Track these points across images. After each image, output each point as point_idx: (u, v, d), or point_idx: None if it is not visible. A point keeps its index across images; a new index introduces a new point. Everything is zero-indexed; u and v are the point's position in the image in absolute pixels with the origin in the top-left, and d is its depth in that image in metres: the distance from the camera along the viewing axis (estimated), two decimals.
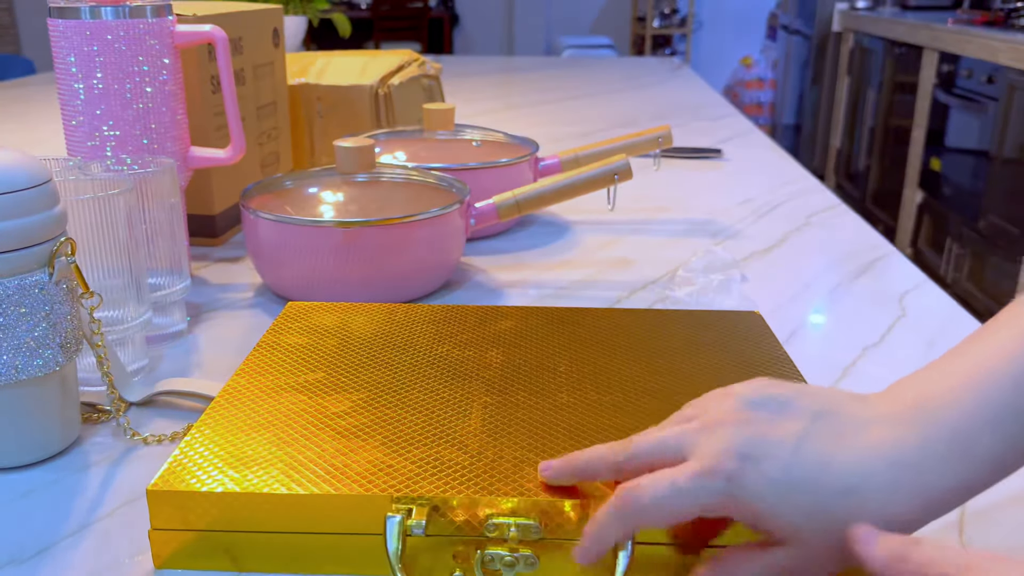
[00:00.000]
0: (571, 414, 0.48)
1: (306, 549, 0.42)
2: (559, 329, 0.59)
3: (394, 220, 0.71)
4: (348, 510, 0.41)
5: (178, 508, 0.41)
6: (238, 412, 0.48)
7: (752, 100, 5.56)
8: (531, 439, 0.45)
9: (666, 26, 5.82)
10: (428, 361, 0.54)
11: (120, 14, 0.68)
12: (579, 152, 1.02)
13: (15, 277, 0.48)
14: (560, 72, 2.38)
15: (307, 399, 0.49)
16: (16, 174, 0.47)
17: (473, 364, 0.54)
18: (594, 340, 0.58)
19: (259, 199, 0.77)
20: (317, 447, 0.44)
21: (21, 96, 1.92)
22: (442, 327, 0.60)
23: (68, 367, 0.52)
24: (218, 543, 0.42)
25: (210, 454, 0.44)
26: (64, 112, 0.71)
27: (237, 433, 0.46)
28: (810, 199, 1.09)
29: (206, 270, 0.84)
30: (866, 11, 3.89)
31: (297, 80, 1.09)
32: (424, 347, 0.56)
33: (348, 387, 0.51)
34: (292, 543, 0.42)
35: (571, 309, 0.63)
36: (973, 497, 0.36)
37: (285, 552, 0.42)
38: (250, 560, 0.42)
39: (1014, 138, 2.39)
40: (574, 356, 0.55)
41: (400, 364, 0.54)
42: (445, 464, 0.43)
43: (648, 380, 0.52)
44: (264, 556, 0.42)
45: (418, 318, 0.61)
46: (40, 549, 0.44)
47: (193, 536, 0.42)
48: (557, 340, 0.58)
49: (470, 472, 0.42)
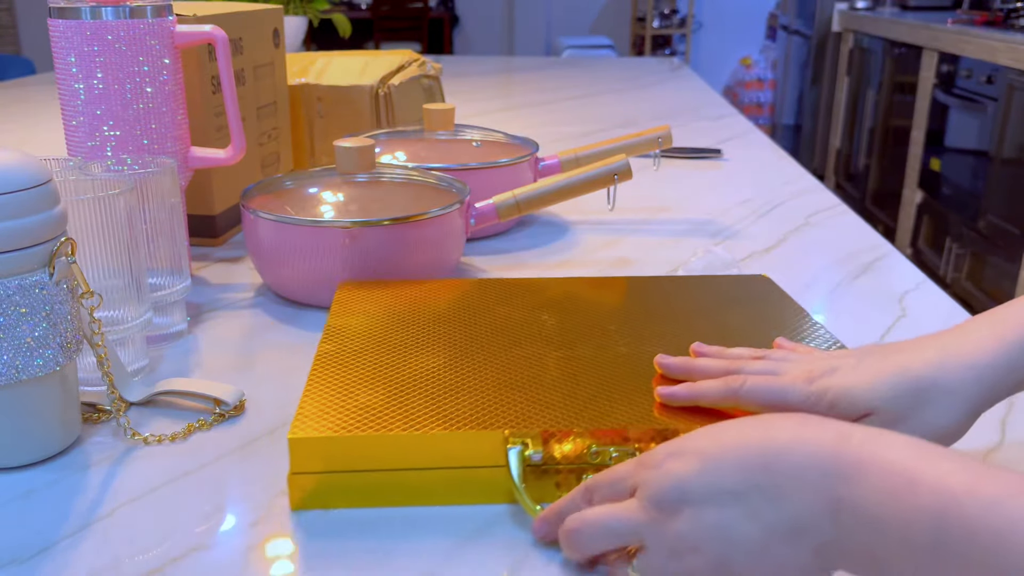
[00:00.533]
0: (634, 363, 0.54)
1: (429, 484, 0.47)
2: (598, 295, 0.66)
3: (397, 220, 0.72)
4: (469, 446, 0.46)
5: (315, 453, 0.46)
6: (339, 373, 0.52)
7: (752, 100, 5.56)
8: (609, 382, 0.52)
9: (666, 26, 5.82)
10: (492, 325, 0.60)
11: (120, 14, 0.68)
12: (579, 152, 1.02)
13: (15, 277, 0.48)
14: (560, 72, 2.38)
15: (397, 359, 0.55)
16: (16, 174, 0.47)
17: (532, 326, 0.60)
18: (631, 303, 0.65)
19: (259, 199, 0.77)
20: (424, 395, 0.50)
21: (21, 96, 1.92)
22: (493, 297, 0.65)
23: (68, 367, 0.52)
24: (350, 483, 0.47)
25: (330, 407, 0.48)
26: (64, 112, 0.71)
27: (346, 388, 0.51)
28: (810, 199, 1.09)
29: (206, 270, 0.84)
30: (866, 11, 3.89)
31: (297, 80, 1.09)
32: (484, 313, 0.62)
33: (430, 348, 0.56)
34: (416, 479, 0.47)
35: (602, 278, 0.70)
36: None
37: (410, 488, 0.47)
38: (378, 497, 0.47)
39: (1013, 138, 2.39)
40: (618, 317, 0.62)
41: (468, 328, 0.59)
42: (545, 404, 0.49)
43: (690, 335, 0.58)
44: (391, 493, 0.47)
45: (467, 290, 0.67)
46: (40, 549, 0.44)
47: (327, 478, 0.47)
48: (599, 304, 0.64)
49: (569, 409, 0.48)
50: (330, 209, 0.79)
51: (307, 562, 0.43)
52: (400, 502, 0.47)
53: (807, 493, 0.35)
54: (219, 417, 0.57)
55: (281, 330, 0.70)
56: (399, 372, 0.53)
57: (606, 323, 0.60)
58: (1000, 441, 0.54)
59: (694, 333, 0.58)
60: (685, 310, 0.63)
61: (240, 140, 0.76)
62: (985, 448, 0.53)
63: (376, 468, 0.47)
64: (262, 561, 0.43)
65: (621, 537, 0.40)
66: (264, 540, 0.45)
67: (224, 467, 0.52)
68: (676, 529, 0.38)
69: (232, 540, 0.45)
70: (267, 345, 0.68)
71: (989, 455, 0.53)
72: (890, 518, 0.32)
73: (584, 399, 0.50)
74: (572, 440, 0.47)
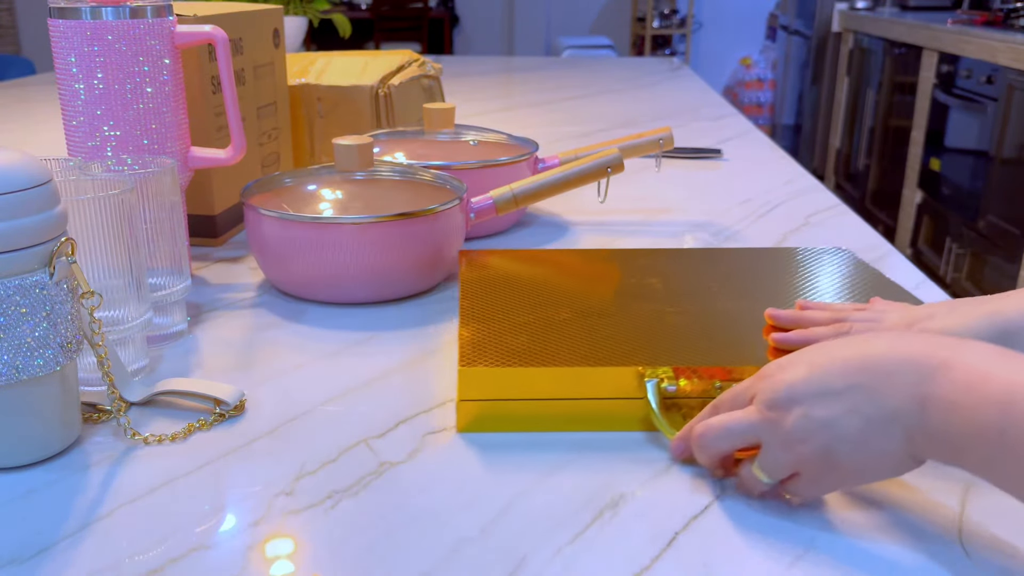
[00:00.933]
0: (739, 316, 0.62)
1: (575, 412, 0.55)
2: (694, 262, 0.74)
3: (403, 216, 0.72)
4: (611, 380, 0.54)
5: (479, 383, 0.54)
6: (484, 324, 0.60)
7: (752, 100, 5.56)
8: (721, 330, 0.60)
9: (666, 26, 5.82)
10: (606, 286, 0.68)
11: (121, 14, 0.68)
12: (579, 152, 1.02)
13: (16, 277, 0.48)
14: (560, 72, 2.38)
15: (529, 312, 0.62)
16: (16, 174, 0.47)
17: (643, 287, 0.67)
18: (726, 268, 0.72)
19: (259, 197, 0.77)
20: (562, 339, 0.58)
21: (21, 96, 1.92)
22: (600, 263, 0.74)
23: (68, 367, 0.52)
24: (508, 410, 0.55)
25: (486, 348, 0.56)
26: (65, 112, 0.71)
27: (495, 334, 0.58)
28: (810, 199, 1.09)
29: (206, 270, 0.84)
30: (866, 11, 3.89)
31: (297, 80, 1.09)
32: (596, 277, 0.70)
33: (556, 304, 0.64)
34: (565, 408, 0.55)
35: (696, 249, 0.78)
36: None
37: (560, 415, 0.55)
38: (532, 423, 0.55)
39: (1013, 138, 2.39)
40: (716, 279, 0.69)
41: (586, 289, 0.67)
42: (670, 347, 0.57)
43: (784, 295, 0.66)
44: (543, 419, 0.55)
45: (577, 257, 0.75)
46: (40, 549, 0.44)
47: (489, 405, 0.55)
48: (697, 270, 0.71)
49: (692, 352, 0.56)
50: (329, 206, 0.79)
51: (307, 562, 0.43)
52: (549, 428, 0.55)
53: (900, 389, 0.41)
54: (219, 417, 0.57)
55: (281, 330, 0.70)
56: (535, 321, 0.61)
57: (707, 284, 0.68)
58: None
59: (787, 294, 0.66)
60: (774, 275, 0.70)
61: (240, 140, 0.76)
62: None
63: (531, 398, 0.55)
64: (262, 561, 0.43)
65: (741, 437, 0.47)
66: (264, 540, 0.45)
67: (224, 467, 0.52)
68: (788, 425, 0.44)
69: (232, 540, 0.45)
70: (267, 345, 0.68)
71: None
72: (964, 407, 0.38)
73: (704, 344, 0.58)
74: (699, 376, 0.54)
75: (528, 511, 0.47)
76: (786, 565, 0.43)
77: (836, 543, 0.45)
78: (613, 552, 0.44)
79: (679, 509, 0.47)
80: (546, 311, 0.63)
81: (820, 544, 0.45)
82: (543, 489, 0.49)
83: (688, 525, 0.46)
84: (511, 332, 0.59)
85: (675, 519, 0.47)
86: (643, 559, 0.43)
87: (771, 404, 0.45)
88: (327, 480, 0.50)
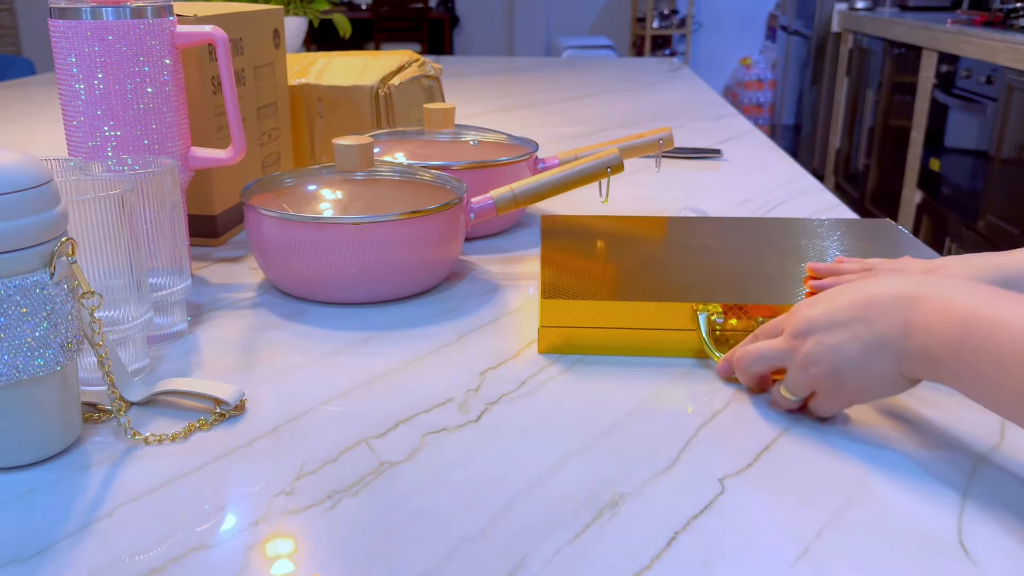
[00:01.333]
0: (784, 271, 0.71)
1: (637, 341, 0.65)
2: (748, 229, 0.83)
3: (405, 216, 0.72)
4: (669, 313, 0.64)
5: (559, 312, 0.65)
6: (561, 271, 0.70)
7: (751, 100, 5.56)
8: (767, 280, 0.69)
9: (665, 27, 5.82)
10: (669, 245, 0.79)
11: (121, 15, 0.68)
12: (579, 152, 1.02)
13: (16, 277, 0.48)
14: (560, 72, 2.38)
15: (600, 262, 0.74)
16: (17, 174, 0.47)
17: (701, 247, 0.77)
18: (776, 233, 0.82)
19: (259, 197, 0.77)
20: (629, 281, 0.68)
21: (22, 96, 1.92)
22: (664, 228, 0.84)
23: (69, 367, 0.52)
24: (582, 336, 0.66)
25: (562, 287, 0.67)
26: (65, 112, 0.71)
27: (571, 276, 0.69)
28: (809, 199, 1.10)
29: (207, 270, 0.84)
30: (865, 12, 3.90)
31: (298, 81, 1.09)
32: (660, 239, 0.81)
33: (623, 257, 0.75)
34: (628, 336, 0.65)
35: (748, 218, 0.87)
36: None
37: (623, 342, 0.66)
38: (600, 348, 0.66)
39: (1013, 138, 2.39)
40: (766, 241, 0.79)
41: (651, 246, 0.78)
42: (722, 290, 0.67)
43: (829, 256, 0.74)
44: (610, 345, 0.66)
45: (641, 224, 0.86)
46: (41, 548, 0.44)
47: (566, 331, 0.65)
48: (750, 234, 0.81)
49: (739, 294, 0.66)
50: (329, 207, 0.79)
51: (307, 561, 0.43)
52: (615, 352, 0.66)
53: (890, 319, 0.50)
54: (219, 417, 0.57)
55: (281, 330, 0.70)
56: (604, 271, 0.71)
57: (759, 247, 0.77)
58: (999, 442, 0.54)
59: (830, 256, 0.75)
60: (820, 241, 0.79)
61: (240, 140, 0.76)
62: (985, 448, 0.53)
63: (601, 326, 0.65)
64: (262, 561, 0.43)
65: (771, 361, 0.56)
66: (264, 540, 0.45)
67: (224, 467, 0.52)
68: (806, 351, 0.53)
69: (232, 540, 0.45)
70: (267, 345, 0.68)
71: (989, 455, 0.53)
72: (936, 330, 0.47)
73: (750, 289, 0.67)
74: (745, 313, 0.64)
75: (528, 511, 0.47)
76: (786, 565, 0.43)
77: (836, 543, 0.45)
78: (613, 552, 0.44)
79: (679, 509, 0.47)
80: (615, 262, 0.73)
81: (820, 544, 0.45)
82: (543, 489, 0.49)
83: (688, 525, 0.46)
84: (583, 277, 0.69)
85: (675, 519, 0.47)
86: (643, 559, 0.43)
87: (795, 333, 0.54)
88: (327, 480, 0.50)
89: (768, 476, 0.51)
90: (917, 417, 0.57)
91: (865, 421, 0.57)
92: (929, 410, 0.58)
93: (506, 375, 0.63)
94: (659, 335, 0.65)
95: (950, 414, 0.57)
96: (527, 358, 0.66)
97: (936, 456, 0.53)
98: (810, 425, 0.56)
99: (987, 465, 0.52)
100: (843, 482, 0.50)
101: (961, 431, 0.55)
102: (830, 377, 0.53)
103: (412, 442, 0.54)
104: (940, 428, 0.56)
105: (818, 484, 0.50)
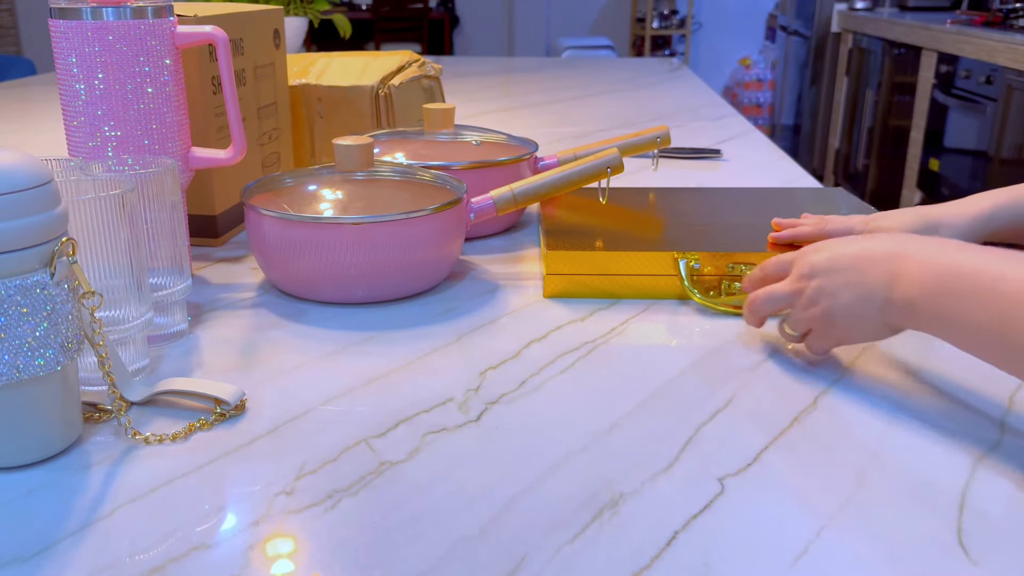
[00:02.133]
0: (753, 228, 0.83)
1: (628, 285, 0.77)
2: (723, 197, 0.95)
3: (406, 216, 0.72)
4: (655, 261, 0.76)
5: (562, 261, 0.76)
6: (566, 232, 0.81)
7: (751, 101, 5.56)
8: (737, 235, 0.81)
9: (665, 27, 5.82)
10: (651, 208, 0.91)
11: (121, 15, 0.68)
12: (578, 152, 1.02)
13: (16, 277, 0.48)
14: (560, 73, 2.38)
15: (597, 223, 0.85)
16: (17, 174, 0.47)
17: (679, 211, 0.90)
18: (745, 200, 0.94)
19: (259, 197, 0.77)
20: (623, 236, 0.81)
21: (22, 96, 1.92)
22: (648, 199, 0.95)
23: (69, 367, 0.52)
24: (582, 281, 0.77)
25: (566, 241, 0.78)
26: (65, 112, 0.71)
27: (571, 234, 0.80)
28: None
29: (207, 270, 0.84)
30: (865, 12, 3.90)
31: (298, 81, 1.09)
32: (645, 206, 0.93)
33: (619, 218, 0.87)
34: (624, 281, 0.77)
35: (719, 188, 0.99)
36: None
37: (619, 286, 0.77)
38: (597, 291, 0.77)
39: (1012, 138, 2.39)
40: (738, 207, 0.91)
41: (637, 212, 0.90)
42: (699, 241, 0.79)
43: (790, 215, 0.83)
44: (606, 289, 0.77)
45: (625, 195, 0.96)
46: (41, 548, 0.44)
47: (568, 279, 0.77)
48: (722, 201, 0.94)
49: (714, 244, 0.78)
50: (330, 207, 0.79)
51: (307, 561, 0.43)
52: (611, 296, 0.77)
53: (878, 270, 0.56)
54: (220, 417, 0.57)
55: (281, 330, 0.70)
56: (600, 228, 0.83)
57: (731, 209, 0.90)
58: (999, 442, 0.54)
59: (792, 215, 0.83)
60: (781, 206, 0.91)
61: (241, 140, 0.76)
62: (985, 448, 0.53)
63: (597, 273, 0.76)
64: (263, 560, 0.43)
65: (779, 302, 0.63)
66: (264, 539, 0.45)
67: (224, 467, 0.52)
68: (807, 292, 0.60)
69: (232, 539, 0.45)
70: (267, 345, 0.68)
71: (988, 455, 0.53)
72: (917, 281, 0.53)
73: (723, 241, 0.79)
74: (718, 258, 0.76)
75: (528, 510, 0.47)
76: (787, 565, 0.43)
77: (836, 543, 0.45)
78: (613, 552, 0.44)
79: (679, 509, 0.48)
80: (610, 222, 0.86)
81: (820, 544, 0.45)
82: (543, 488, 0.49)
83: (688, 525, 0.46)
84: (583, 235, 0.80)
85: (675, 519, 0.47)
86: (643, 559, 0.44)
87: (800, 276, 0.61)
88: (327, 480, 0.50)
89: (768, 476, 0.51)
90: (916, 418, 0.57)
91: (864, 422, 0.57)
92: (928, 411, 0.58)
93: (506, 375, 0.63)
94: (647, 280, 0.76)
95: (950, 415, 0.57)
96: (527, 358, 0.66)
97: (935, 456, 0.53)
98: (810, 426, 0.56)
99: (987, 465, 0.52)
100: (843, 482, 0.50)
101: (961, 431, 0.55)
102: (823, 318, 0.59)
103: (412, 442, 0.54)
104: (939, 428, 0.56)
105: (818, 484, 0.50)
